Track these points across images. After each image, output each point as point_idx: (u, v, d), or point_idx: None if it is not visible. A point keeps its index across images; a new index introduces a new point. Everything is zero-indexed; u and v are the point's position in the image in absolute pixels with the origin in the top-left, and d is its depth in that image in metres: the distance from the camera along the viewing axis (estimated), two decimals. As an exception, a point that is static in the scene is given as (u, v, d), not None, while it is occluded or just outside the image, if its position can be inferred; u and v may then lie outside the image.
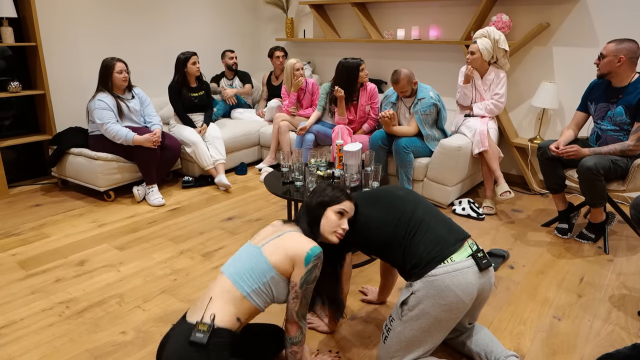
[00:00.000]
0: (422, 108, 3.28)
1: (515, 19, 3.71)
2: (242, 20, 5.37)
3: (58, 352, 1.88)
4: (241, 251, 1.64)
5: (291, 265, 1.55)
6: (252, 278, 1.53)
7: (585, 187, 2.62)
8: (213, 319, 1.46)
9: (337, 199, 1.67)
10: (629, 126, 2.63)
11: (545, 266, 2.59)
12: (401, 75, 3.19)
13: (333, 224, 1.65)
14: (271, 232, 1.64)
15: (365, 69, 3.59)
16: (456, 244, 1.63)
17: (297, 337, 1.61)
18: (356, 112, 3.66)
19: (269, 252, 1.56)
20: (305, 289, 1.57)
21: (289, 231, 1.62)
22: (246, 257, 1.59)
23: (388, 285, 2.14)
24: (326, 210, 1.66)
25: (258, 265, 1.54)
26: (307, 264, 1.54)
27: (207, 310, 1.49)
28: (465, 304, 1.58)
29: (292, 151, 2.68)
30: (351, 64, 3.53)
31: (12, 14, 3.38)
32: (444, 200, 3.35)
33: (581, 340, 1.97)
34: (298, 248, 1.54)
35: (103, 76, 3.41)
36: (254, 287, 1.53)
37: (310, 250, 1.54)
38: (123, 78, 3.42)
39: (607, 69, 2.62)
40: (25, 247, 2.79)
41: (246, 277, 1.53)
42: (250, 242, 1.67)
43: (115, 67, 3.38)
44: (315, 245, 1.57)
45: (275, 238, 1.59)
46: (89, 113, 3.44)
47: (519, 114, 3.89)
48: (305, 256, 1.53)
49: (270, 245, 1.57)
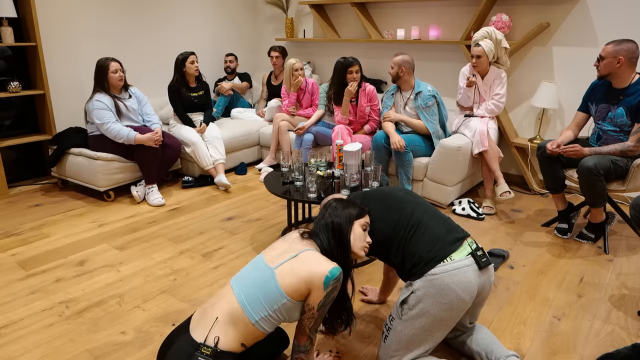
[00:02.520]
0: (423, 101, 3.30)
1: (515, 19, 3.71)
2: (242, 20, 5.37)
3: (58, 352, 1.88)
4: (254, 267, 1.56)
5: (307, 289, 1.47)
6: (262, 305, 1.47)
7: (585, 187, 2.62)
8: (217, 343, 1.43)
9: (362, 211, 1.64)
10: (629, 127, 2.63)
11: (545, 266, 2.59)
12: (398, 56, 3.31)
13: (361, 238, 1.61)
14: (286, 250, 1.55)
15: (356, 72, 3.47)
16: (455, 243, 1.63)
17: (306, 347, 1.59)
18: (356, 113, 3.66)
19: (282, 275, 1.47)
20: (322, 310, 1.52)
21: (305, 250, 1.53)
22: (259, 278, 1.50)
23: (390, 284, 2.14)
24: (353, 225, 1.61)
25: (269, 292, 1.47)
26: (327, 287, 1.47)
27: (211, 331, 1.45)
28: (465, 303, 1.58)
29: (292, 151, 2.68)
30: (341, 63, 3.50)
31: (12, 14, 3.38)
32: (444, 200, 3.35)
33: (581, 340, 1.97)
34: (316, 271, 1.46)
35: (98, 77, 3.40)
36: (264, 314, 1.47)
37: (330, 273, 1.47)
38: (119, 77, 3.41)
39: (607, 71, 2.62)
40: (25, 247, 2.79)
41: (256, 304, 1.47)
42: (264, 256, 1.58)
43: (110, 66, 3.38)
44: (335, 266, 1.49)
45: (291, 259, 1.51)
46: (87, 114, 3.44)
47: (519, 113, 3.89)
48: (324, 280, 1.46)
49: (285, 268, 1.49)
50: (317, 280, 1.46)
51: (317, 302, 1.49)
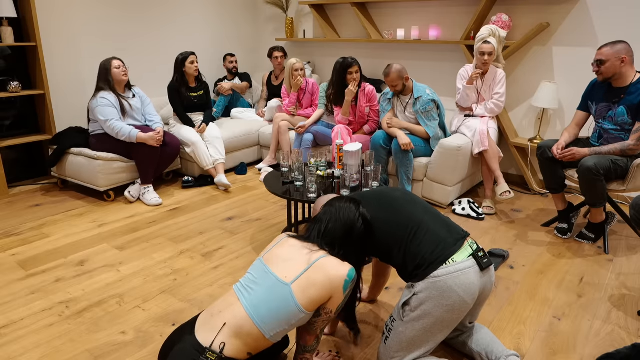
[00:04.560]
0: (422, 106, 3.29)
1: (515, 18, 3.71)
2: (242, 20, 5.37)
3: (58, 352, 1.88)
4: (262, 281, 1.49)
5: (328, 296, 1.47)
6: (279, 321, 1.44)
7: (585, 187, 2.62)
8: (222, 349, 1.41)
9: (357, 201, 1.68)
10: (630, 126, 2.63)
11: (545, 266, 2.59)
12: (392, 69, 3.23)
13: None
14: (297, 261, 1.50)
15: (355, 72, 3.47)
16: (457, 244, 1.63)
17: (312, 347, 1.59)
18: (355, 114, 3.66)
19: (300, 290, 1.44)
20: (338, 312, 1.53)
21: (319, 258, 1.50)
22: (275, 297, 1.45)
23: (379, 285, 2.15)
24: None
25: (287, 310, 1.43)
26: (345, 290, 1.49)
27: (218, 335, 1.43)
28: (467, 304, 1.58)
29: (292, 151, 2.68)
30: (341, 63, 3.50)
31: (12, 14, 3.37)
32: (444, 200, 3.35)
33: (581, 340, 1.97)
34: (335, 277, 1.46)
35: (102, 75, 3.41)
36: (279, 329, 1.45)
37: (348, 276, 1.48)
38: (122, 72, 3.42)
39: (611, 72, 2.61)
40: (25, 247, 2.79)
41: (272, 322, 1.43)
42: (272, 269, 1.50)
43: (112, 63, 3.39)
44: (350, 268, 1.50)
45: (306, 271, 1.47)
46: (89, 112, 3.44)
47: (519, 113, 3.89)
48: (344, 284, 1.47)
49: (302, 282, 1.45)
50: (337, 285, 1.46)
51: (336, 306, 1.50)
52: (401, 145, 3.22)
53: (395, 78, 3.24)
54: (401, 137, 3.24)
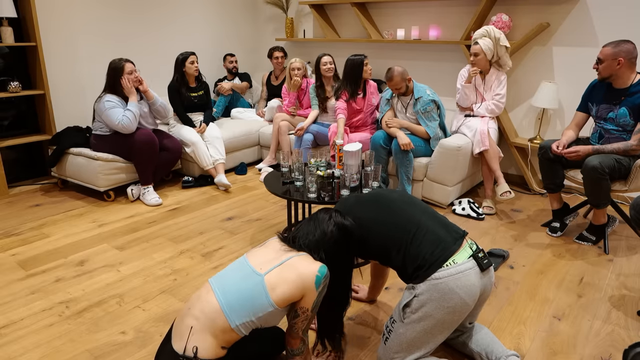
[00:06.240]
0: (422, 106, 3.29)
1: (515, 18, 3.71)
2: (242, 20, 5.37)
3: (58, 352, 1.88)
4: (240, 272, 1.52)
5: (301, 294, 1.48)
6: (246, 311, 1.44)
7: (590, 187, 2.62)
8: (196, 353, 1.41)
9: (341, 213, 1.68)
10: (632, 127, 2.63)
11: (545, 266, 2.59)
12: (394, 72, 3.24)
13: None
14: (275, 257, 1.53)
15: (368, 64, 3.67)
16: (456, 243, 1.63)
17: (300, 349, 1.59)
18: (364, 104, 3.70)
19: (271, 283, 1.46)
20: (315, 310, 1.53)
21: (293, 256, 1.53)
22: (246, 284, 1.47)
23: (378, 286, 2.16)
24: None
25: (256, 299, 1.45)
26: (318, 287, 1.49)
27: (188, 341, 1.42)
28: (468, 306, 1.58)
29: (292, 151, 2.68)
30: (355, 60, 3.59)
31: (12, 14, 3.37)
32: (444, 200, 3.35)
33: (581, 340, 1.97)
34: (306, 273, 1.47)
35: (111, 79, 3.36)
36: (246, 320, 1.44)
37: (319, 271, 1.49)
38: (134, 78, 3.39)
39: (607, 73, 2.62)
40: (25, 247, 2.79)
41: (239, 310, 1.44)
42: (250, 261, 1.55)
43: (125, 68, 3.34)
44: (321, 265, 1.51)
45: (280, 265, 1.50)
46: (95, 113, 3.43)
47: (519, 113, 3.89)
48: (316, 280, 1.48)
49: (274, 275, 1.47)
50: (308, 281, 1.47)
51: (311, 304, 1.50)
52: (401, 145, 3.22)
53: (399, 81, 3.25)
54: (401, 137, 3.24)
